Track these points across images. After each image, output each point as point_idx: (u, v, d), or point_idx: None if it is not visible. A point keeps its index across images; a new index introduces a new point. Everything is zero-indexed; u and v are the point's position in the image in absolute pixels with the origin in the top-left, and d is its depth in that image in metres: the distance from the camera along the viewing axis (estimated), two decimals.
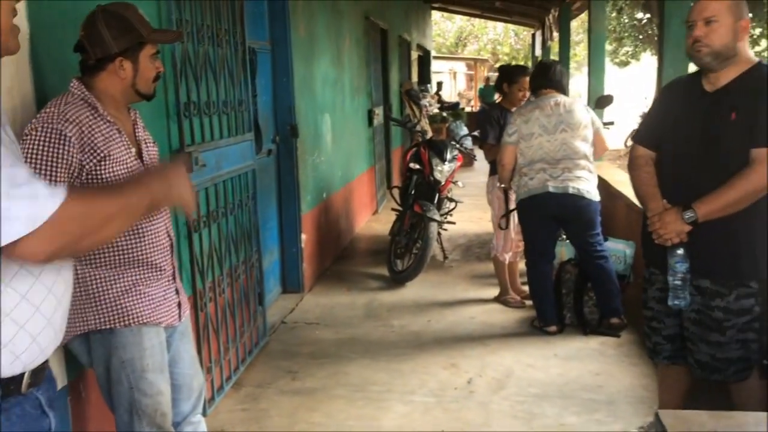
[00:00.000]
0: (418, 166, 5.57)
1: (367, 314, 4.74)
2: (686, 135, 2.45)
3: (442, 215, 5.93)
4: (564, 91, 4.33)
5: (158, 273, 2.05)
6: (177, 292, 2.15)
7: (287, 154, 4.94)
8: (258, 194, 4.02)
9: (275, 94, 4.84)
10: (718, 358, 2.44)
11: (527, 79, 4.79)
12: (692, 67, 2.65)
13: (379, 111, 8.36)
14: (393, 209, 5.93)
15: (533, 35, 16.72)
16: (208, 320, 3.25)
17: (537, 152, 4.15)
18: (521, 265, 5.06)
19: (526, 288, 4.94)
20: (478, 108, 17.92)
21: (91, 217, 1.23)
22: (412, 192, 5.52)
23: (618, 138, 15.83)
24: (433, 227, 5.30)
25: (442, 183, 5.58)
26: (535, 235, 4.29)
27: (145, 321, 1.99)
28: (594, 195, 4.10)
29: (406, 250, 5.47)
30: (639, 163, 2.63)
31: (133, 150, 2.02)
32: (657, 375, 2.87)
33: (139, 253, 2.00)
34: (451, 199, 6.18)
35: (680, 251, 2.39)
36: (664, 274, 2.50)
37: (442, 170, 5.54)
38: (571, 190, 4.06)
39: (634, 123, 16.74)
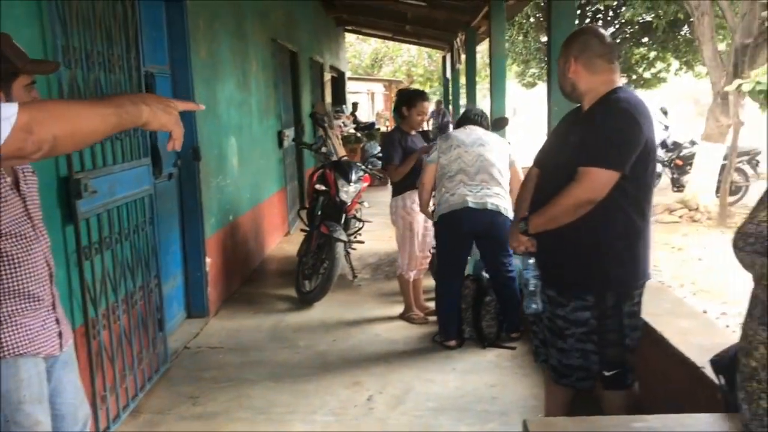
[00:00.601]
0: (324, 188, 5.65)
1: (272, 336, 4.76)
2: (550, 157, 2.70)
3: (349, 235, 6.03)
4: (485, 128, 4.57)
5: (36, 303, 2.03)
6: (57, 321, 2.13)
7: (189, 177, 4.92)
8: (158, 218, 4.00)
9: None
10: (564, 364, 2.62)
11: (426, 103, 4.99)
12: None
13: (289, 133, 8.41)
14: (302, 230, 5.97)
15: (444, 58, 17.18)
16: (102, 348, 3.20)
17: (455, 164, 4.32)
18: (425, 282, 5.21)
19: (429, 304, 5.09)
20: (393, 128, 18.15)
21: (54, 109, 1.28)
22: (319, 213, 5.59)
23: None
24: (340, 247, 5.37)
25: (348, 204, 5.67)
26: (452, 251, 4.40)
27: (21, 352, 1.97)
28: (510, 212, 4.25)
29: (314, 271, 5.52)
30: (526, 179, 2.88)
31: (9, 179, 2.00)
32: (544, 384, 3.02)
33: (16, 283, 1.98)
34: (358, 219, 6.28)
35: (530, 260, 2.63)
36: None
37: (347, 191, 5.63)
38: (489, 206, 4.21)
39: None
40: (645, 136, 2.41)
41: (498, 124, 5.98)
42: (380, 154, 6.67)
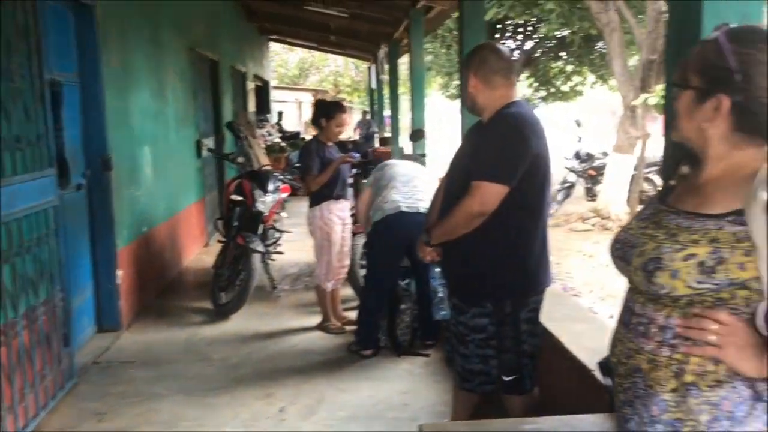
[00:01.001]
0: (240, 198, 5.62)
1: (186, 349, 4.69)
2: (453, 170, 2.79)
3: (268, 246, 6.00)
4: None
5: None
6: None
7: (100, 188, 4.80)
8: (66, 230, 3.90)
9: (85, 128, 4.71)
10: (466, 369, 2.72)
11: (344, 115, 5.03)
12: None
13: (208, 142, 8.31)
14: (220, 241, 5.91)
15: (369, 68, 17.32)
16: None
17: (390, 170, 4.54)
18: (343, 292, 5.25)
19: (347, 314, 5.13)
20: None
21: None
22: (235, 224, 5.55)
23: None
24: (257, 258, 5.35)
25: (266, 214, 5.66)
26: (384, 259, 4.42)
27: None
28: None
29: (230, 283, 5.47)
30: (437, 190, 2.98)
31: None
32: (452, 389, 3.09)
33: None
34: (277, 230, 6.26)
35: (436, 269, 2.72)
36: None
37: (264, 201, 5.61)
38: (422, 209, 4.26)
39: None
40: (533, 150, 2.51)
41: (415, 135, 6.12)
42: (295, 167, 6.71)
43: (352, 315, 4.97)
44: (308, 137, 19.96)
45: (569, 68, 17.36)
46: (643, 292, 1.39)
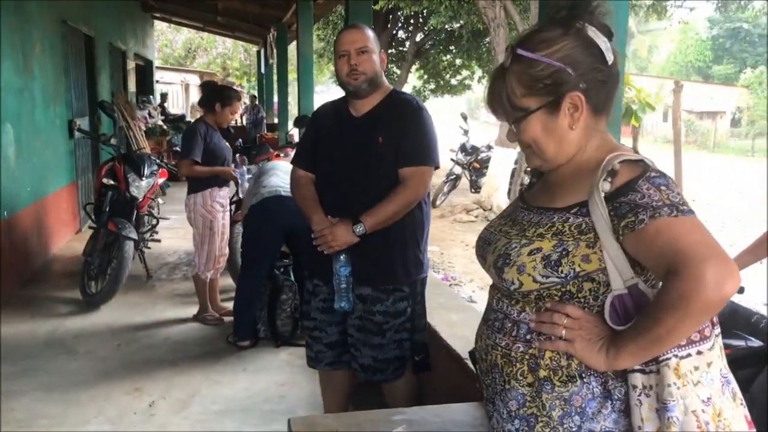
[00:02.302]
0: (113, 182, 5.31)
1: (49, 342, 4.39)
2: (339, 157, 2.65)
3: (143, 233, 5.74)
4: None
5: None
6: None
7: None
8: None
9: None
10: (379, 360, 2.67)
11: (240, 103, 4.87)
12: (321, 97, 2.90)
13: (82, 122, 7.82)
14: (92, 227, 5.57)
15: (258, 52, 16.96)
16: None
17: (272, 164, 4.49)
18: (222, 282, 5.08)
19: (225, 305, 4.97)
20: None
21: None
22: (107, 209, 5.24)
23: None
24: (129, 246, 5.08)
25: (140, 199, 5.39)
26: (259, 245, 4.27)
27: None
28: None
29: (101, 271, 5.17)
30: (300, 183, 2.78)
31: None
32: (320, 382, 3.04)
33: None
34: (153, 216, 5.99)
35: (343, 257, 2.57)
36: (327, 284, 2.68)
37: (139, 186, 5.35)
38: None
39: None
40: None
41: (300, 122, 6.01)
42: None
43: (232, 305, 4.83)
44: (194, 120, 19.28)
45: (458, 62, 17.71)
46: (499, 288, 1.38)
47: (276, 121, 14.22)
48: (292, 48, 13.12)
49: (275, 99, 15.40)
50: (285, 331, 4.44)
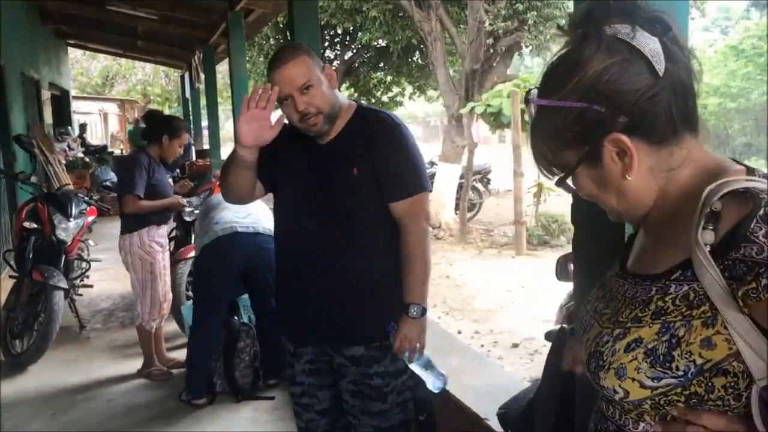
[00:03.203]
0: (35, 225, 4.71)
1: None
2: (302, 191, 2.19)
3: (73, 280, 5.15)
4: None
5: None
6: None
7: None
8: None
9: None
10: (382, 429, 2.21)
11: (186, 135, 4.40)
12: None
13: None
14: (12, 277, 4.93)
15: (182, 77, 16.30)
16: None
17: (218, 198, 3.93)
18: (167, 327, 4.56)
19: (173, 355, 4.46)
20: (129, 151, 16.78)
21: None
22: (30, 256, 4.63)
23: None
24: (59, 296, 4.49)
25: (69, 243, 4.81)
26: (214, 290, 3.74)
27: None
28: None
29: (26, 327, 4.55)
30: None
31: None
32: None
33: None
34: (83, 260, 5.39)
35: (417, 358, 2.11)
36: (313, 345, 2.25)
37: (67, 228, 4.76)
38: (262, 229, 3.67)
39: None
40: None
41: None
42: (112, 181, 5.87)
43: (180, 355, 4.32)
44: (117, 151, 18.48)
45: (389, 78, 17.52)
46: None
47: (206, 147, 13.60)
48: (217, 69, 12.59)
49: (204, 124, 14.79)
50: (245, 384, 3.95)
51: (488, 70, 9.40)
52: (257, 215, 3.80)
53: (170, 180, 4.39)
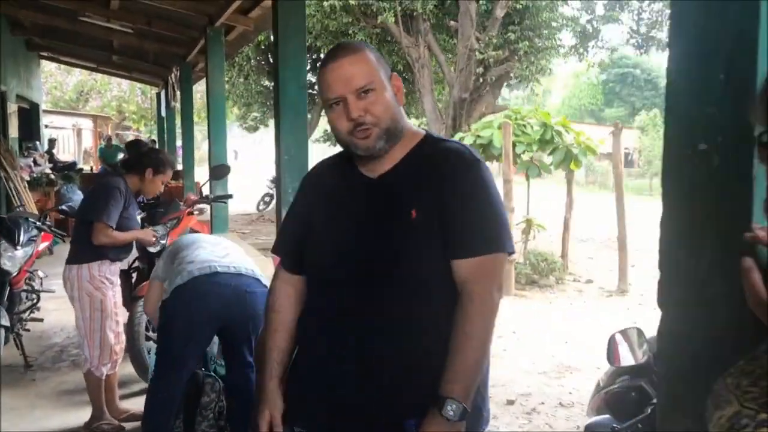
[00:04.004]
0: None
1: None
2: (341, 238, 1.69)
3: (20, 314, 4.63)
4: None
5: None
6: None
7: None
8: None
9: None
10: None
11: (171, 173, 3.99)
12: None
13: None
14: None
15: (158, 94, 15.87)
16: None
17: (189, 238, 3.48)
18: (121, 371, 4.06)
19: (127, 405, 3.97)
20: (99, 170, 16.21)
21: None
22: None
23: (251, 202, 15.68)
24: (0, 334, 3.98)
25: (15, 273, 4.30)
26: (186, 338, 3.19)
27: None
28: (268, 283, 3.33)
29: None
30: (277, 303, 1.81)
31: None
32: None
33: None
34: (32, 291, 4.87)
35: None
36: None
37: (13, 257, 4.27)
38: (244, 270, 3.17)
39: (265, 187, 16.84)
40: None
41: (217, 172, 5.09)
42: (69, 204, 5.39)
43: (134, 406, 3.82)
44: (87, 168, 17.88)
45: None
46: None
47: (180, 167, 13.10)
48: (195, 89, 12.18)
49: (178, 143, 14.32)
50: None
51: (477, 99, 9.10)
52: (237, 255, 3.34)
53: (138, 218, 3.95)
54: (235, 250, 3.41)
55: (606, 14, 12.95)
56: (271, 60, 16.48)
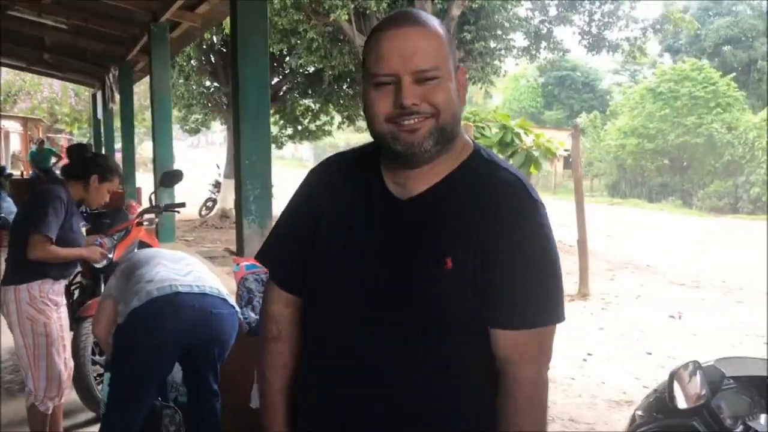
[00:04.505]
0: None
1: None
2: (362, 283, 1.32)
3: None
4: None
5: None
6: None
7: None
8: None
9: None
10: None
11: (119, 181, 3.59)
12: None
13: None
14: None
15: (94, 96, 15.18)
16: None
17: (145, 252, 3.14)
18: (66, 400, 3.65)
19: None
20: (30, 175, 15.37)
21: None
22: None
23: (192, 208, 15.12)
24: None
25: None
26: (145, 366, 2.85)
27: None
28: (235, 303, 2.98)
29: None
30: (271, 334, 1.46)
31: None
32: None
33: None
34: None
35: None
36: None
37: None
38: (209, 290, 2.84)
39: (207, 192, 16.30)
40: None
41: (168, 179, 4.69)
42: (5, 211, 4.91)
43: None
44: (16, 173, 17.03)
45: (317, 106, 16.90)
46: None
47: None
48: (136, 90, 11.63)
49: (117, 146, 13.69)
50: None
51: None
52: (200, 272, 2.99)
53: (83, 230, 3.55)
54: (198, 266, 3.07)
55: (559, 14, 12.98)
56: (213, 60, 15.95)
